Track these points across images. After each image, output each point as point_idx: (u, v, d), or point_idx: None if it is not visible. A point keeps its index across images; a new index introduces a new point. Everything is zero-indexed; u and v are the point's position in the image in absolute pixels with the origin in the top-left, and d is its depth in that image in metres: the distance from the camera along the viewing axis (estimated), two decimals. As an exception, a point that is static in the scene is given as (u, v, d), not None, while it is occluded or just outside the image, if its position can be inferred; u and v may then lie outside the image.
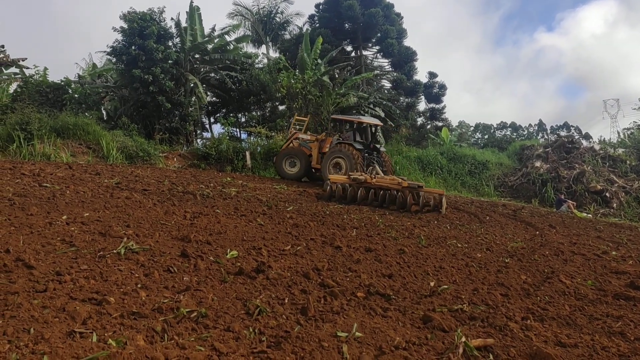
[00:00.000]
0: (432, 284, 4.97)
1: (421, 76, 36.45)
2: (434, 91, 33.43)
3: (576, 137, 34.80)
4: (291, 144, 18.22)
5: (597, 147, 27.43)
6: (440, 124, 34.40)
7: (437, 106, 34.17)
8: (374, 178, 12.62)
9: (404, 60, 32.51)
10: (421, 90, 32.75)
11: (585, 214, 17.29)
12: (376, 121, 18.71)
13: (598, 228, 11.62)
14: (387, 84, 34.87)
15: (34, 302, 3.15)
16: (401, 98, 32.79)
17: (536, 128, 70.98)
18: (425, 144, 30.82)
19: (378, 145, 17.71)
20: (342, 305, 3.98)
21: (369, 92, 29.26)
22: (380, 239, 7.30)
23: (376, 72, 33.72)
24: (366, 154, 16.76)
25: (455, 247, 7.39)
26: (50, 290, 3.41)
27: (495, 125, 73.18)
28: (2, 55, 21.97)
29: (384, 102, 28.37)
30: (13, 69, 24.90)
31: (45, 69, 25.99)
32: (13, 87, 26.92)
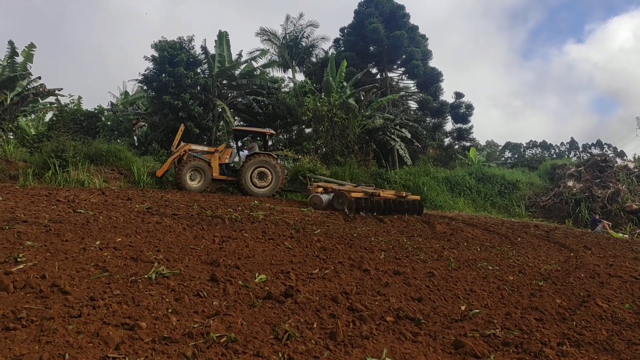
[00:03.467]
0: (463, 307, 4.88)
1: (447, 96, 36.34)
2: (461, 111, 33.27)
3: (610, 156, 34.07)
4: (185, 157, 16.92)
5: (631, 165, 26.79)
6: (468, 144, 34.13)
7: (464, 126, 33.96)
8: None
9: (430, 81, 32.49)
10: (448, 110, 32.62)
11: (621, 235, 16.81)
12: (272, 131, 19.71)
13: (635, 249, 11.27)
14: (413, 105, 34.88)
15: (68, 327, 3.22)
16: (427, 119, 32.71)
17: (568, 146, 69.65)
18: (453, 165, 30.56)
19: (270, 152, 18.11)
20: (371, 330, 3.93)
21: (394, 113, 29.29)
22: (408, 262, 7.23)
23: (402, 93, 33.75)
24: None
25: (486, 269, 7.26)
26: (85, 315, 3.47)
27: (524, 144, 72.06)
28: (39, 86, 22.79)
29: (410, 123, 28.32)
30: (49, 99, 25.84)
31: (80, 97, 26.86)
32: (49, 116, 27.96)
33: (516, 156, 69.08)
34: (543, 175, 28.53)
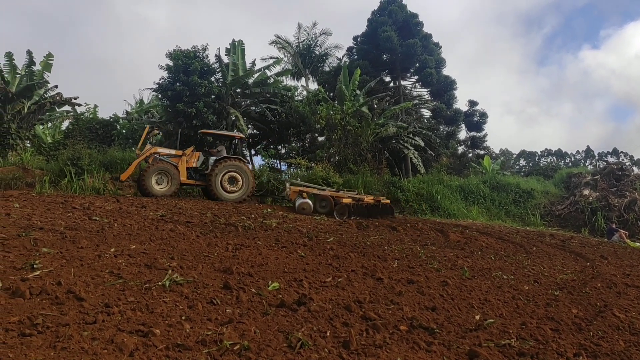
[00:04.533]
0: (477, 317, 4.83)
1: (461, 104, 36.21)
2: (475, 119, 33.09)
3: (626, 164, 33.59)
4: (150, 160, 16.20)
5: (648, 173, 26.39)
6: (482, 152, 33.92)
7: (478, 134, 33.75)
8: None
9: (443, 89, 32.37)
10: (461, 118, 32.46)
11: (638, 244, 16.54)
12: (241, 134, 19.27)
13: (653, 259, 11.08)
14: (426, 113, 34.76)
15: (84, 333, 3.24)
16: (441, 127, 32.57)
17: (583, 155, 68.93)
18: (467, 173, 30.38)
19: (241, 157, 17.71)
20: (384, 339, 3.91)
21: (408, 121, 29.21)
22: (422, 271, 7.18)
23: (415, 101, 33.67)
24: None
25: (500, 279, 7.19)
26: (100, 322, 3.50)
27: (539, 152, 71.48)
28: (56, 95, 23.13)
29: (424, 132, 28.22)
30: (66, 107, 26.20)
31: (95, 106, 27.29)
32: (65, 125, 28.37)
33: (531, 164, 68.57)
34: (558, 184, 28.23)
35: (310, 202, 15.49)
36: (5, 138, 20.44)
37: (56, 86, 23.58)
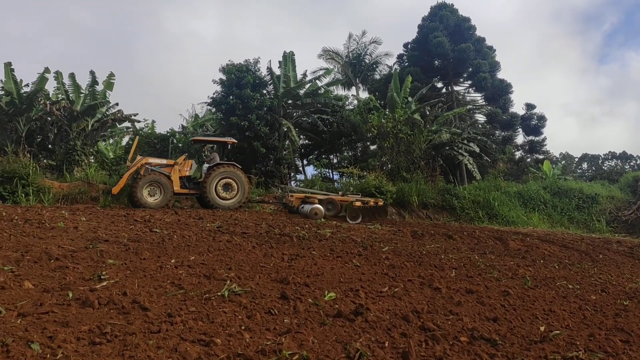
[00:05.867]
0: (542, 328, 4.64)
1: (517, 108, 35.15)
2: (532, 123, 32.08)
3: (699, 165, 31.61)
4: (142, 171, 15.84)
5: None
6: (541, 156, 32.80)
7: (537, 138, 32.68)
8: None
9: (499, 93, 31.58)
10: (518, 122, 31.57)
11: None
12: (233, 140, 18.58)
13: None
14: (481, 118, 34.03)
15: (149, 342, 3.35)
16: (497, 132, 31.79)
17: (650, 157, 65.34)
18: (526, 179, 29.43)
19: (235, 163, 17.05)
20: (444, 350, 3.82)
21: (462, 127, 28.66)
22: (481, 280, 6.99)
23: (469, 106, 33.03)
24: None
25: (565, 288, 6.89)
26: (163, 331, 3.60)
27: (602, 156, 68.39)
28: (117, 112, 24.21)
29: (479, 137, 27.60)
30: (126, 124, 27.40)
31: (153, 121, 28.40)
32: (125, 140, 29.66)
33: (593, 168, 65.65)
34: (624, 188, 26.88)
35: (321, 207, 15.50)
36: (71, 155, 21.57)
37: (117, 104, 24.74)
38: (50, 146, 23.51)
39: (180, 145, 26.39)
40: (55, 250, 6.14)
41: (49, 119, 22.59)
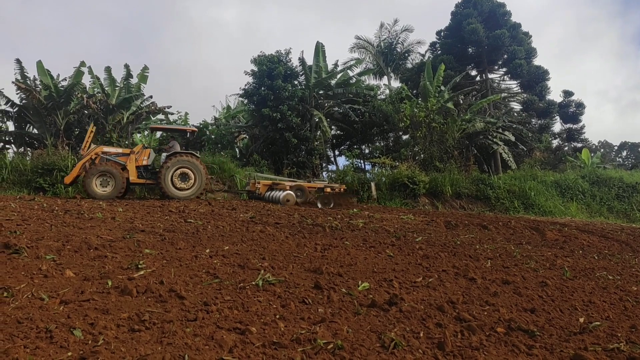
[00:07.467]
0: (581, 320, 4.51)
1: (554, 95, 34.25)
2: (571, 110, 31.21)
3: None
4: (97, 160, 15.20)
5: None
6: (579, 145, 31.91)
7: (575, 126, 31.80)
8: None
9: (535, 80, 30.76)
10: (555, 110, 30.72)
11: None
12: (193, 128, 18.27)
13: None
14: (516, 106, 33.22)
15: (186, 330, 3.40)
16: (533, 120, 31.02)
17: (695, 144, 62.87)
18: (563, 167, 28.69)
19: (193, 152, 16.38)
20: (481, 341, 3.75)
21: (496, 116, 28.08)
22: (518, 271, 6.84)
23: (504, 94, 32.29)
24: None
25: (605, 279, 6.68)
26: (200, 319, 3.65)
27: (644, 143, 66.08)
28: (151, 105, 24.62)
29: (514, 126, 26.99)
30: (159, 116, 27.84)
31: (186, 113, 28.78)
32: (159, 132, 30.12)
33: (634, 156, 63.49)
34: (667, 177, 25.91)
35: (293, 193, 15.77)
36: (108, 147, 22.07)
37: (151, 96, 25.19)
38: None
39: (213, 137, 26.69)
40: (94, 240, 6.29)
41: (86, 112, 23.15)
